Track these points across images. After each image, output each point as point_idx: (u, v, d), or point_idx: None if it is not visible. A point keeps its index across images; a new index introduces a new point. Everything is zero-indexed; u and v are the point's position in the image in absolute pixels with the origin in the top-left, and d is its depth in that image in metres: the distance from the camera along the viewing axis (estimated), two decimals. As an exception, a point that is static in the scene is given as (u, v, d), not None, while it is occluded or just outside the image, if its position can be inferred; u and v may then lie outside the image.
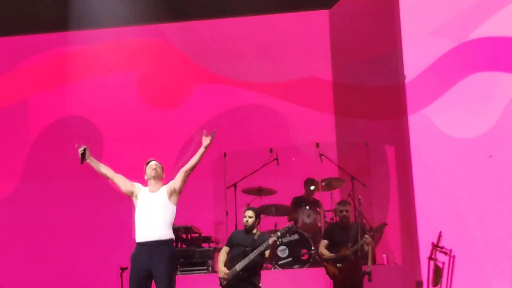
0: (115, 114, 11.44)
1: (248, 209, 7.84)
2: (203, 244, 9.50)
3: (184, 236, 9.59)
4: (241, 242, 7.56)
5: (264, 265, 8.99)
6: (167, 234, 6.24)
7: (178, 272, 8.76)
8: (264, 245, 7.41)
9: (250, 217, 7.65)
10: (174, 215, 6.36)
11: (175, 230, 9.53)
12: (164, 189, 6.34)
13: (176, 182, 6.36)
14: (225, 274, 7.40)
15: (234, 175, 10.11)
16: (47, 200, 10.71)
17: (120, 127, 11.41)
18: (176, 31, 11.55)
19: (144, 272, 6.16)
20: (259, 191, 9.87)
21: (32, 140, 11.79)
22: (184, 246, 9.46)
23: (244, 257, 7.40)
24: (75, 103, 11.66)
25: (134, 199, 6.41)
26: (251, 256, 7.38)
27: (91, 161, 6.38)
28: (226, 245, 7.74)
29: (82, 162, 6.38)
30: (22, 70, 11.93)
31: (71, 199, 10.53)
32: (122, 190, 6.47)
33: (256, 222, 7.69)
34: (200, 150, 6.42)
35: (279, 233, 7.56)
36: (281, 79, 11.19)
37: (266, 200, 9.88)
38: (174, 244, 8.92)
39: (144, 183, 6.47)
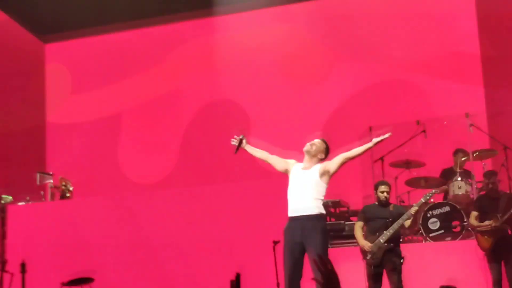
0: (259, 95, 11.59)
1: (384, 183, 7.78)
2: (352, 218, 9.43)
3: (332, 210, 9.58)
4: (378, 215, 7.51)
5: (411, 237, 8.86)
6: (318, 209, 6.24)
7: (329, 245, 8.74)
8: (407, 215, 7.31)
9: (387, 192, 7.62)
10: (325, 193, 6.34)
11: (324, 204, 9.58)
12: (317, 168, 6.31)
13: (332, 165, 6.34)
14: (369, 247, 7.34)
15: (381, 148, 9.88)
16: (202, 179, 11.02)
17: (264, 107, 11.55)
18: (307, 13, 11.50)
19: (297, 246, 6.19)
20: (407, 164, 9.63)
21: (186, 124, 12.18)
22: (333, 220, 9.43)
23: (385, 229, 7.34)
24: (222, 87, 11.92)
25: (289, 175, 6.45)
26: (395, 226, 7.33)
27: (247, 147, 6.58)
28: (360, 220, 7.70)
29: (236, 151, 6.61)
30: (173, 59, 12.33)
31: (224, 177, 10.77)
32: (277, 169, 6.55)
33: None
34: (368, 145, 6.48)
35: (422, 200, 7.47)
36: (425, 56, 10.85)
37: (414, 173, 9.63)
38: (327, 219, 9.03)
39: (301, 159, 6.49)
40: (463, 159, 9.49)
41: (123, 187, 11.61)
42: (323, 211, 6.33)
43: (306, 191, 6.20)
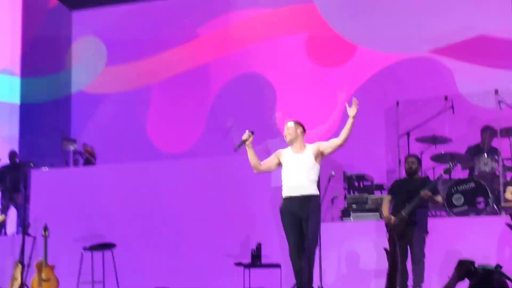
0: (286, 70, 11.47)
1: (412, 156, 7.68)
2: (376, 192, 9.23)
3: (356, 183, 9.37)
4: (404, 189, 7.38)
5: (434, 211, 8.66)
6: (314, 189, 6.25)
7: (351, 218, 8.60)
8: (424, 189, 7.18)
9: (413, 163, 7.49)
10: (319, 173, 6.33)
11: (348, 178, 9.40)
12: (310, 151, 6.30)
13: (327, 148, 6.31)
14: (392, 220, 7.18)
15: (407, 123, 9.66)
16: (227, 151, 10.86)
17: (291, 82, 11.42)
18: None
19: (298, 221, 6.23)
20: (433, 140, 9.34)
21: (214, 96, 12.07)
22: (356, 193, 9.23)
23: (409, 202, 7.20)
24: (250, 62, 11.79)
25: (282, 163, 6.41)
26: (416, 199, 7.17)
27: (249, 148, 6.36)
28: (389, 193, 7.63)
29: (237, 149, 6.43)
30: (203, 32, 12.19)
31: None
32: (273, 169, 6.54)
33: (419, 168, 7.56)
34: (349, 121, 6.17)
35: (442, 174, 7.37)
36: (456, 35, 10.53)
37: (440, 149, 9.35)
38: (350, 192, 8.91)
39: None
40: (490, 136, 9.18)
41: (150, 155, 11.54)
42: (318, 193, 6.33)
43: (302, 174, 6.22)
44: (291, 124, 6.48)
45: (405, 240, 7.17)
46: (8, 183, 10.73)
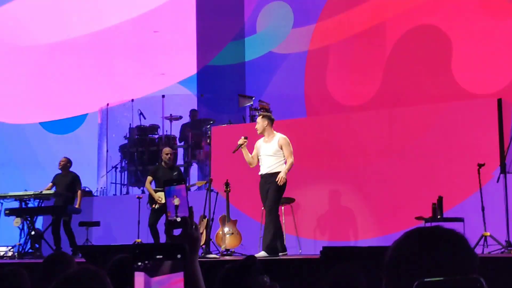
0: (462, 23, 11.00)
1: None
2: None
3: None
4: None
5: None
6: (276, 168, 7.57)
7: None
8: None
9: None
10: (283, 157, 7.63)
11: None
12: (276, 142, 7.60)
13: (285, 152, 7.63)
14: None
15: None
16: (404, 102, 10.67)
17: (466, 35, 10.93)
18: None
19: (264, 191, 7.70)
20: None
21: (389, 49, 11.89)
22: None
23: None
24: (426, 14, 11.47)
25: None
26: None
27: (244, 150, 7.69)
28: None
29: (234, 151, 7.61)
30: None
31: (424, 100, 10.31)
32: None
33: None
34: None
35: None
36: None
37: None
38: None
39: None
40: None
41: (330, 109, 11.66)
42: (281, 170, 7.55)
43: (270, 158, 7.64)
44: (259, 119, 7.75)
45: None
46: (190, 140, 11.21)
